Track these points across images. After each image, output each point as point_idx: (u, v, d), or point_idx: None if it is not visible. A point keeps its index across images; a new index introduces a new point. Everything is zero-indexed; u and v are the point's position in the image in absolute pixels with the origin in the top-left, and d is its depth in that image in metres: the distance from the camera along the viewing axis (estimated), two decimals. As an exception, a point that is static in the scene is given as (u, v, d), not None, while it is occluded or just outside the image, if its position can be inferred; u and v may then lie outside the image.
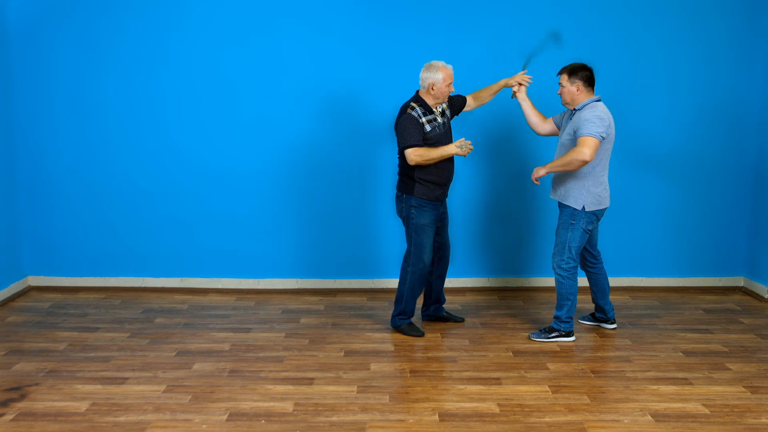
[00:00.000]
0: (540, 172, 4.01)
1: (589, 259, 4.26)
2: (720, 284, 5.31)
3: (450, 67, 4.05)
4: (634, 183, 5.12)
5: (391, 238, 5.09)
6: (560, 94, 4.04)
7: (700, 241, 5.25)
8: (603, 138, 3.84)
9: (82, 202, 5.11)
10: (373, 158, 5.01)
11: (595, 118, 3.83)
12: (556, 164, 3.93)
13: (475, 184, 5.13)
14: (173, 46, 4.95)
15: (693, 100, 5.08)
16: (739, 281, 5.31)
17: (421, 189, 4.10)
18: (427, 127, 4.01)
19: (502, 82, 4.33)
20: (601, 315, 4.35)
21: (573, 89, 3.97)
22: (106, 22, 4.92)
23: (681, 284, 5.30)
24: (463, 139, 4.00)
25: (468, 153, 4.00)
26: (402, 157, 4.08)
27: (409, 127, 3.97)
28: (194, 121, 5.03)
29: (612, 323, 4.35)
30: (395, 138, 4.26)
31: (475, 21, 4.96)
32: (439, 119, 4.10)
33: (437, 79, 3.99)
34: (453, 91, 4.09)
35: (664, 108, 5.08)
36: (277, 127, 5.04)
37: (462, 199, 5.08)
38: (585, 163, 3.82)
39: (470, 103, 4.39)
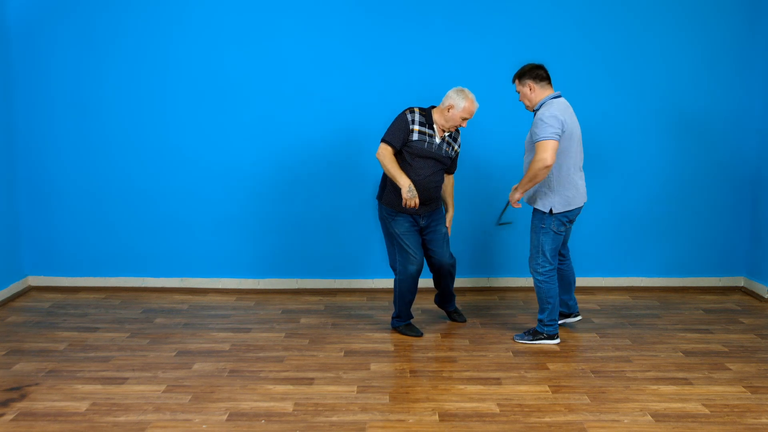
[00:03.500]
0: (515, 196, 3.98)
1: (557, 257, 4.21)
2: (720, 284, 5.31)
3: (476, 105, 3.95)
4: (633, 183, 5.12)
5: (391, 238, 5.09)
6: (521, 101, 3.99)
7: (700, 241, 5.25)
8: (558, 137, 3.74)
9: (82, 202, 5.11)
10: (373, 159, 5.01)
11: (549, 118, 3.74)
12: (525, 182, 3.87)
13: (474, 183, 5.13)
14: (173, 47, 4.96)
15: (693, 101, 5.08)
16: (739, 281, 5.31)
17: (390, 197, 4.05)
18: (415, 136, 3.94)
19: (449, 215, 4.31)
20: (563, 309, 4.32)
21: (526, 91, 3.91)
22: (107, 22, 4.92)
23: (681, 284, 5.30)
24: (417, 197, 3.90)
25: (406, 204, 3.89)
26: None
27: (396, 124, 3.96)
28: (194, 122, 5.03)
29: (575, 316, 4.33)
30: None
31: (475, 21, 4.96)
32: (437, 140, 4.00)
33: (458, 105, 3.90)
34: (464, 126, 4.00)
35: (664, 109, 5.08)
36: (277, 128, 5.04)
37: (461, 199, 5.08)
38: (548, 167, 3.75)
39: (445, 181, 4.26)
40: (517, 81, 3.96)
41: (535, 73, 3.88)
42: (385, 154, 3.94)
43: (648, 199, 5.17)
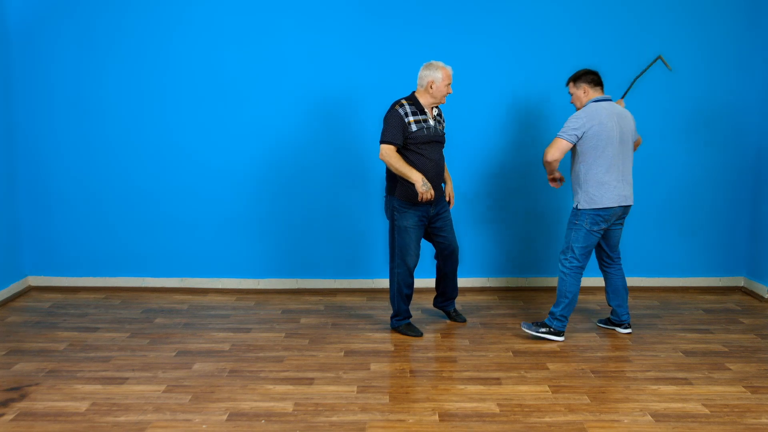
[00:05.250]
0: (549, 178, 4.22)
1: (605, 259, 4.23)
2: (720, 284, 5.31)
3: (449, 67, 4.04)
4: (633, 183, 5.11)
5: (391, 238, 5.09)
6: (573, 103, 4.12)
7: (700, 241, 5.25)
8: (571, 138, 3.91)
9: (82, 202, 5.11)
10: (373, 159, 5.01)
11: (571, 119, 3.96)
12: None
13: (475, 183, 5.13)
14: (173, 46, 4.96)
15: (693, 101, 5.09)
16: (739, 281, 5.31)
17: (402, 190, 4.05)
18: (413, 127, 3.97)
19: (449, 186, 4.29)
20: (614, 318, 4.31)
21: (580, 93, 4.06)
22: (107, 21, 4.92)
23: (681, 284, 5.30)
24: (431, 188, 3.93)
25: (423, 198, 3.90)
26: None
27: (391, 122, 3.96)
28: (194, 121, 5.04)
29: (626, 327, 4.28)
30: None
31: (475, 21, 4.96)
32: (431, 122, 4.05)
33: (437, 77, 3.98)
34: (451, 92, 4.08)
35: (664, 108, 5.09)
36: (277, 127, 5.04)
37: (462, 199, 5.08)
38: (548, 162, 3.99)
39: None
40: (572, 84, 4.10)
41: (590, 77, 4.05)
42: (390, 154, 3.95)
43: (648, 200, 5.17)
